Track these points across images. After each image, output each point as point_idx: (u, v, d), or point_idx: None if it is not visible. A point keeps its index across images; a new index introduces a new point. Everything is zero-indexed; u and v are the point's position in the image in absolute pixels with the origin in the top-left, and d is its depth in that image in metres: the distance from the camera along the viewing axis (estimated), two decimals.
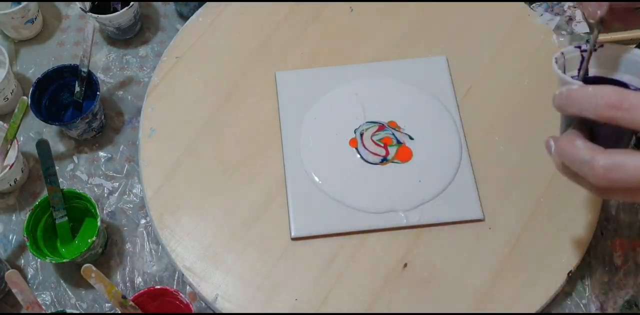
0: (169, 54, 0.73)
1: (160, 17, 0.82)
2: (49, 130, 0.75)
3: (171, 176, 0.67)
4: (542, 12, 0.79)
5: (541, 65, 0.72)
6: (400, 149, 0.66)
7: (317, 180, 0.65)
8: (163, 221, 0.65)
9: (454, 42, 0.73)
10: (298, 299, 0.61)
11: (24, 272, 0.67)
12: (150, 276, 0.66)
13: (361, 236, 0.63)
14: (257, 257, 0.63)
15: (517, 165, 0.67)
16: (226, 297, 0.61)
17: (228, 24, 0.75)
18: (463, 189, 0.64)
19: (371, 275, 0.62)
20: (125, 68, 0.78)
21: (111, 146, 0.74)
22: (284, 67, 0.72)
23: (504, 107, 0.70)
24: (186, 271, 0.62)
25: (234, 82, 0.71)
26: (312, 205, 0.64)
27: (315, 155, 0.66)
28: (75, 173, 0.72)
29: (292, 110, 0.69)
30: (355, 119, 0.68)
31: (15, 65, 0.78)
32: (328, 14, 0.75)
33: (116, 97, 0.76)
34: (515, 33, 0.73)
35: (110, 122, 0.75)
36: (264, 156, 0.67)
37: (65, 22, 0.81)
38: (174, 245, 0.63)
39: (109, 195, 0.71)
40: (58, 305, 0.65)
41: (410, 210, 0.63)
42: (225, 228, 0.64)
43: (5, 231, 0.69)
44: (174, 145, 0.68)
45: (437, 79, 0.70)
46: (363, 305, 0.61)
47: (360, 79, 0.70)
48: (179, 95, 0.71)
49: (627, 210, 0.69)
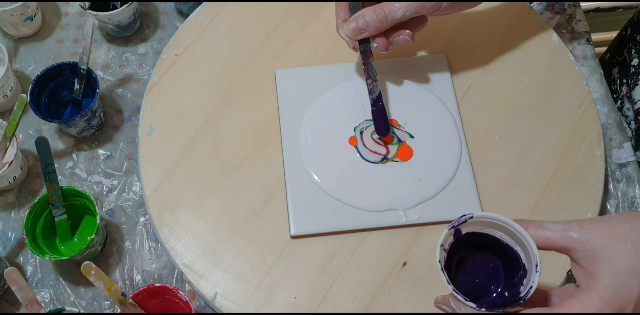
0: (168, 51, 0.73)
1: (160, 15, 0.81)
2: (48, 128, 0.75)
3: (171, 174, 0.67)
4: (543, 11, 0.79)
5: (541, 64, 0.71)
6: (401, 147, 0.66)
7: (317, 179, 0.65)
8: (162, 219, 0.65)
9: (455, 41, 0.73)
10: (297, 298, 0.61)
11: (24, 270, 0.67)
12: (149, 274, 0.66)
13: (361, 235, 0.63)
14: (257, 256, 0.63)
15: (517, 164, 0.67)
16: (225, 296, 0.61)
17: (228, 22, 0.75)
18: (463, 188, 0.64)
19: (371, 273, 0.62)
20: (125, 66, 0.78)
21: (111, 144, 0.73)
22: (284, 65, 0.72)
23: (504, 106, 0.70)
24: (185, 269, 0.62)
25: (233, 80, 0.71)
26: (311, 204, 0.64)
27: (315, 154, 0.66)
28: (75, 171, 0.72)
29: (291, 108, 0.69)
30: (356, 117, 0.68)
31: (14, 62, 0.78)
32: (328, 12, 0.75)
33: (116, 95, 0.76)
34: (515, 32, 0.73)
35: (110, 120, 0.75)
36: (264, 154, 0.67)
37: (64, 20, 0.81)
38: (174, 244, 0.63)
39: (108, 193, 0.71)
40: (57, 303, 0.65)
41: (410, 209, 0.63)
42: (224, 226, 0.64)
43: (5, 229, 0.69)
44: (173, 143, 0.68)
45: (438, 78, 0.70)
46: (362, 304, 0.61)
47: (360, 77, 0.70)
48: (178, 93, 0.71)
49: (627, 209, 0.70)
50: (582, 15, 0.79)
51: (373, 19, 0.59)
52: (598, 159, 0.67)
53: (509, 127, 0.68)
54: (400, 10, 0.59)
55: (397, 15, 0.59)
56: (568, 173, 0.66)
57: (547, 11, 0.79)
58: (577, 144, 0.67)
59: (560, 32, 0.78)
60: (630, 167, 0.72)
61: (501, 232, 0.49)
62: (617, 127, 0.74)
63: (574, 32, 0.78)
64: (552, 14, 0.79)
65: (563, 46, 0.73)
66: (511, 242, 0.49)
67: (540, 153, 0.67)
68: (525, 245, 0.47)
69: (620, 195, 0.70)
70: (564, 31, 0.78)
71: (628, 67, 0.80)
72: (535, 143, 0.68)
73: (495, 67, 0.72)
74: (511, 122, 0.69)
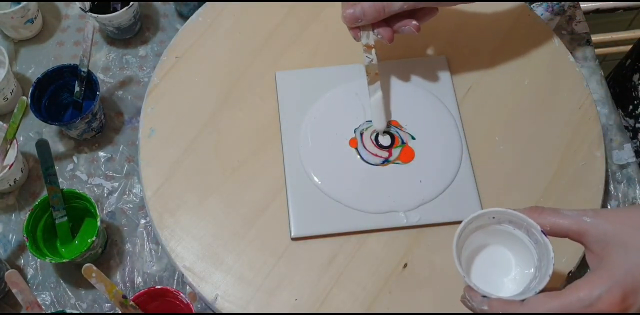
0: (168, 53, 0.73)
1: (160, 17, 0.81)
2: (48, 130, 0.75)
3: (171, 176, 0.67)
4: (542, 12, 0.79)
5: (541, 65, 0.71)
6: (403, 149, 0.66)
7: (317, 181, 0.65)
8: (163, 221, 0.64)
9: (454, 42, 0.73)
10: (298, 299, 0.61)
11: (24, 272, 0.67)
12: (150, 276, 0.66)
13: (361, 236, 0.63)
14: (257, 257, 0.63)
15: (517, 165, 0.67)
16: (226, 297, 0.61)
17: (228, 23, 0.75)
18: (463, 189, 0.64)
19: (371, 275, 0.62)
20: (125, 68, 0.78)
21: (111, 146, 0.73)
22: (284, 67, 0.72)
23: (504, 107, 0.70)
24: (186, 271, 0.62)
25: (233, 81, 0.71)
26: (312, 205, 0.64)
27: (315, 156, 0.66)
28: (75, 173, 0.72)
29: (292, 110, 0.69)
30: (355, 119, 0.68)
31: (14, 65, 0.78)
32: (328, 14, 0.75)
33: (116, 97, 0.76)
34: (515, 33, 0.73)
35: (110, 122, 0.75)
36: (264, 156, 0.67)
37: (64, 22, 0.81)
38: (174, 245, 0.63)
39: (108, 195, 0.71)
40: (58, 306, 0.65)
41: (411, 210, 0.63)
42: (225, 228, 0.64)
43: (5, 231, 0.69)
44: (173, 145, 0.68)
45: (438, 79, 0.70)
46: (363, 305, 0.61)
47: (360, 78, 0.70)
48: (178, 95, 0.71)
49: None
50: (582, 16, 0.80)
51: (370, 7, 0.58)
52: (598, 160, 0.67)
53: (509, 128, 0.68)
54: (398, 2, 0.57)
55: (394, 7, 0.58)
56: (568, 174, 0.66)
57: (546, 12, 0.79)
58: (577, 145, 0.67)
59: (560, 33, 0.78)
60: (630, 167, 0.72)
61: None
62: (617, 128, 0.74)
63: (574, 33, 0.78)
64: (551, 15, 0.79)
65: (563, 47, 0.73)
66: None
67: (541, 154, 0.67)
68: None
69: (621, 196, 0.70)
70: (563, 32, 0.78)
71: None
72: (535, 144, 0.68)
73: (495, 68, 0.72)
74: (511, 123, 0.69)
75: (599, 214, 0.46)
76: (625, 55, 0.90)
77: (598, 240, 0.45)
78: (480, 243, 0.53)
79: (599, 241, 0.45)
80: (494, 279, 0.52)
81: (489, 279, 0.52)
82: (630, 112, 0.80)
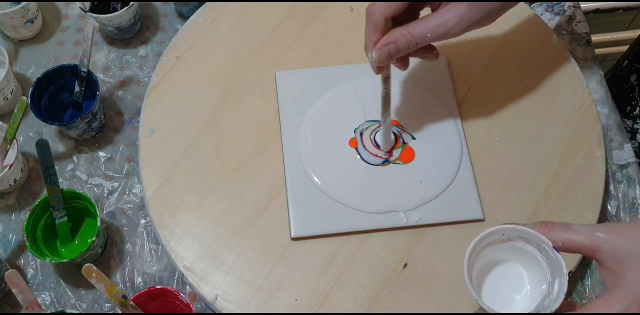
0: (168, 53, 0.73)
1: (160, 17, 0.81)
2: (48, 130, 0.75)
3: (171, 176, 0.67)
4: (542, 12, 0.79)
5: (541, 65, 0.72)
6: (404, 150, 0.66)
7: (317, 181, 0.65)
8: (163, 221, 0.64)
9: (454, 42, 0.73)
10: (298, 299, 0.61)
11: (24, 272, 0.67)
12: (150, 276, 0.66)
13: (361, 236, 0.63)
14: (257, 257, 0.63)
15: (517, 165, 0.67)
16: (226, 297, 0.61)
17: (228, 23, 0.75)
18: (463, 189, 0.64)
19: (371, 275, 0.62)
20: (125, 68, 0.78)
21: (111, 146, 0.73)
22: (284, 67, 0.72)
23: (504, 107, 0.70)
24: (186, 271, 0.62)
25: (233, 81, 0.71)
26: (312, 205, 0.64)
27: (315, 155, 0.66)
28: (75, 173, 0.72)
29: (292, 110, 0.69)
30: (355, 119, 0.68)
31: (15, 65, 0.78)
32: (328, 14, 0.75)
33: (116, 97, 0.76)
34: (515, 33, 0.73)
35: (110, 122, 0.75)
36: (264, 156, 0.67)
37: (64, 22, 0.81)
38: (174, 245, 0.63)
39: (108, 195, 0.71)
40: (58, 306, 0.65)
41: (411, 210, 0.63)
42: (225, 228, 0.64)
43: (5, 231, 0.69)
44: (173, 145, 0.68)
45: (438, 79, 0.70)
46: (363, 305, 0.61)
47: (360, 78, 0.70)
48: (178, 95, 0.71)
49: (627, 210, 0.69)
50: (582, 16, 0.79)
51: (404, 44, 0.55)
52: (598, 160, 0.67)
53: (509, 129, 0.68)
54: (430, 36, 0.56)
55: (424, 40, 0.56)
56: (568, 174, 0.66)
57: (546, 12, 0.79)
58: (577, 145, 0.67)
59: (560, 33, 0.78)
60: (630, 167, 0.72)
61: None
62: (617, 128, 0.74)
63: (574, 33, 0.78)
64: (551, 15, 0.79)
65: (563, 47, 0.73)
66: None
67: (541, 154, 0.67)
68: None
69: (621, 196, 0.70)
70: (563, 32, 0.78)
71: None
72: (535, 144, 0.68)
73: (495, 69, 0.72)
74: (511, 124, 0.69)
75: (612, 229, 0.45)
76: (622, 56, 0.89)
77: (613, 257, 0.44)
78: (492, 258, 0.51)
79: (613, 258, 0.44)
80: (506, 294, 0.51)
81: (501, 295, 0.51)
82: (628, 113, 0.80)
